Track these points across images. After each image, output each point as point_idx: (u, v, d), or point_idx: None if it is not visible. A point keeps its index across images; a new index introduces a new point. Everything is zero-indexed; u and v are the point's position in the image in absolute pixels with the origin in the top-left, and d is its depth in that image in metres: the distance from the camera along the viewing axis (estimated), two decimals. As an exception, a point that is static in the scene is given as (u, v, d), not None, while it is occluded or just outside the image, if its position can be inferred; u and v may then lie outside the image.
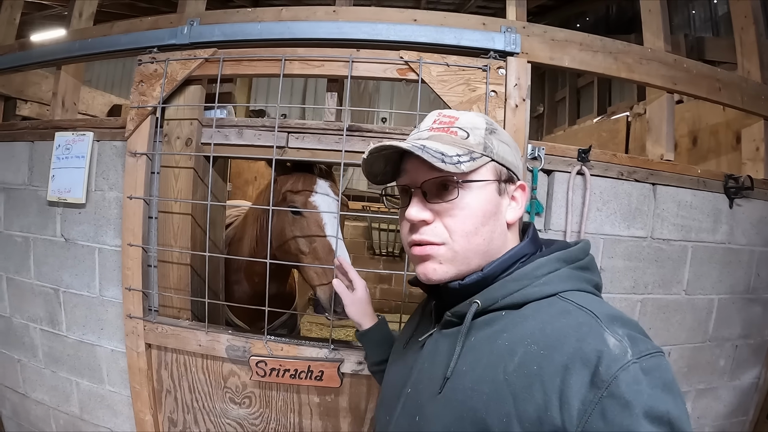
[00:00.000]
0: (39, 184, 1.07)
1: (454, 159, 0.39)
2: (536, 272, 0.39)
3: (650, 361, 0.31)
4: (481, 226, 0.41)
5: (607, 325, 0.33)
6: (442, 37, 0.82)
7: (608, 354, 0.31)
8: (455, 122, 0.43)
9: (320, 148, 0.87)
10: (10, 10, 1.15)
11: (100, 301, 1.02)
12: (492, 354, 0.37)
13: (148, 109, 0.91)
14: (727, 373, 1.10)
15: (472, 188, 0.41)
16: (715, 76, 1.01)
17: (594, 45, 0.91)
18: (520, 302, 0.39)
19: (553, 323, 0.35)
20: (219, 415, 0.93)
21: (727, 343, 1.08)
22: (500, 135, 0.44)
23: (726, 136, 1.20)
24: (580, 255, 0.41)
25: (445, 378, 0.39)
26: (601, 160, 0.91)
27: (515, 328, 0.37)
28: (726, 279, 1.05)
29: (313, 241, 0.89)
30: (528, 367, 0.34)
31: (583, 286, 0.39)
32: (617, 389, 0.29)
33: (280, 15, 0.89)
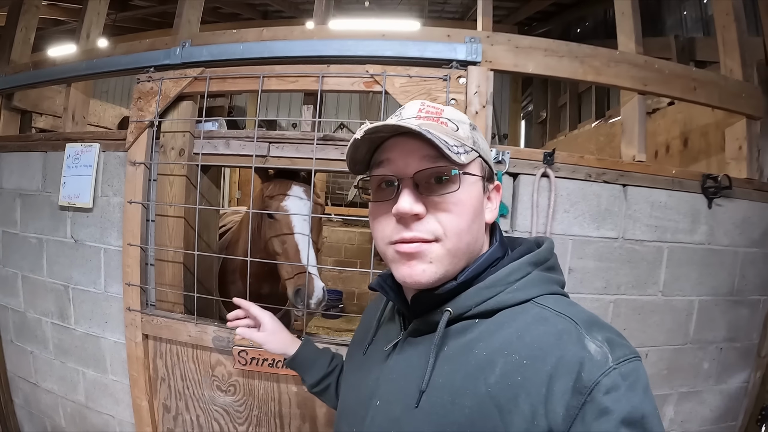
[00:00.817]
0: (51, 191, 1.29)
1: (455, 149, 0.39)
2: (509, 278, 0.40)
3: (628, 366, 0.34)
4: (472, 223, 0.41)
5: (586, 331, 0.36)
6: (407, 50, 0.96)
7: (590, 360, 0.33)
8: (442, 113, 0.43)
9: (298, 156, 1.03)
10: (25, 30, 1.39)
11: (105, 297, 1.22)
12: (469, 365, 0.38)
13: (145, 123, 1.10)
14: (712, 376, 1.17)
15: (468, 182, 0.41)
16: (690, 76, 1.10)
17: (560, 50, 1.02)
18: (493, 309, 0.40)
19: (531, 331, 0.37)
20: (208, 402, 1.10)
21: (710, 345, 1.15)
22: (479, 133, 0.46)
23: (715, 136, 1.27)
24: (547, 256, 0.43)
25: (421, 391, 0.39)
26: (568, 162, 1.02)
27: (491, 337, 0.38)
28: (707, 280, 1.13)
29: (284, 241, 1.05)
30: (511, 378, 0.35)
31: (554, 289, 0.42)
32: (598, 395, 0.32)
33: (261, 35, 1.06)
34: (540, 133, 3.87)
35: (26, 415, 1.43)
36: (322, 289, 1.02)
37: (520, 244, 0.46)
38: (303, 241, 1.04)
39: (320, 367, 0.68)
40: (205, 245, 1.18)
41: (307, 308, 0.99)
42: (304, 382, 0.69)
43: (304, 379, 0.69)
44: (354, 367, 0.54)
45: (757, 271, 1.17)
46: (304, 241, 1.04)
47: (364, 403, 0.46)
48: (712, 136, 1.30)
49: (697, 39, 1.70)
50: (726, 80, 1.16)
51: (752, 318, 1.18)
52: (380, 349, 0.48)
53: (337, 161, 1.00)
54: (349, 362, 0.58)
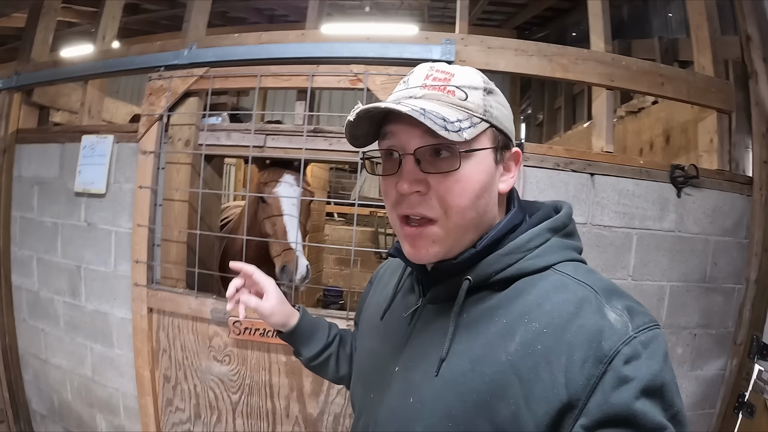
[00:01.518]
0: (67, 178, 1.54)
1: (456, 125, 0.40)
2: (528, 245, 0.42)
3: (648, 335, 0.36)
4: (477, 199, 0.42)
5: (606, 299, 0.38)
6: (387, 51, 1.17)
7: (610, 329, 0.35)
8: (451, 79, 0.43)
9: (291, 147, 1.25)
10: (45, 32, 1.66)
11: (114, 275, 1.44)
12: (489, 332, 0.40)
13: (156, 117, 1.33)
14: (687, 362, 1.31)
15: (472, 158, 0.42)
16: (657, 72, 1.27)
17: (529, 50, 1.22)
18: (513, 276, 0.42)
19: (551, 299, 0.39)
20: (204, 371, 1.30)
21: (684, 331, 1.30)
22: (497, 95, 0.45)
23: (693, 132, 1.43)
24: (566, 221, 0.45)
25: (441, 359, 0.42)
26: (537, 152, 1.21)
27: (511, 305, 0.41)
28: (677, 267, 1.28)
29: (274, 222, 1.27)
30: (531, 347, 0.37)
31: (572, 255, 0.44)
32: (618, 364, 0.34)
33: (260, 39, 1.29)
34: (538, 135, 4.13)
35: (34, 391, 1.66)
36: (306, 266, 1.23)
37: (538, 209, 0.48)
38: (291, 222, 1.26)
39: (319, 339, 0.67)
40: (207, 228, 1.40)
41: (292, 283, 1.20)
42: (301, 355, 0.67)
43: (301, 353, 0.67)
44: (370, 330, 0.56)
45: (730, 259, 1.32)
46: (292, 222, 1.25)
47: (382, 368, 0.48)
48: (690, 132, 1.46)
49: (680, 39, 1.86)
50: (695, 76, 1.33)
51: (726, 305, 1.33)
52: (398, 316, 0.50)
53: (326, 151, 1.21)
54: (365, 326, 0.59)
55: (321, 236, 3.89)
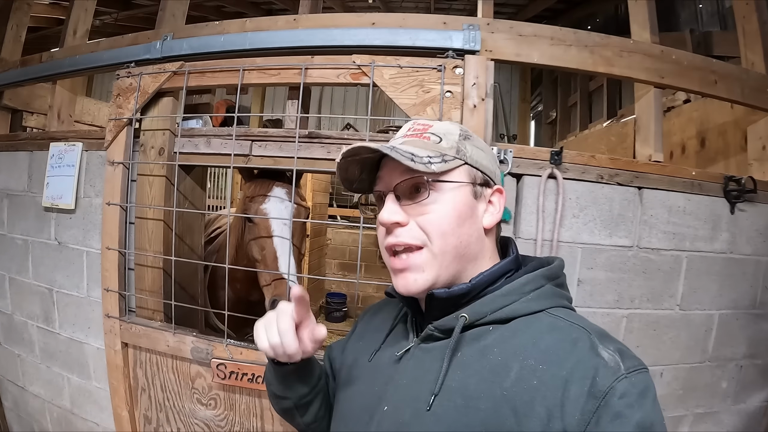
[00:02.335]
0: (36, 191, 1.16)
1: (424, 159, 0.40)
2: (524, 288, 0.40)
3: (638, 377, 0.34)
4: (457, 227, 0.40)
5: (600, 340, 0.36)
6: (397, 38, 0.80)
7: (604, 366, 0.33)
8: (429, 129, 0.44)
9: (281, 155, 0.88)
10: (16, 28, 1.27)
11: (88, 301, 1.08)
12: (484, 369, 0.37)
13: (124, 121, 0.96)
14: (730, 396, 0.99)
15: (444, 188, 0.41)
16: (709, 68, 0.92)
17: (567, 39, 0.86)
18: (508, 317, 0.39)
19: (546, 338, 0.36)
20: (188, 415, 0.96)
21: (730, 363, 0.97)
22: (475, 141, 0.45)
23: (734, 135, 1.09)
24: (559, 272, 0.43)
25: (433, 394, 0.38)
26: (578, 162, 0.86)
27: (506, 344, 0.37)
28: (728, 292, 0.95)
29: (263, 246, 0.91)
30: (527, 382, 0.34)
31: (563, 303, 0.41)
32: (612, 399, 0.32)
33: (244, 26, 0.91)
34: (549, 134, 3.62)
35: (15, 418, 1.32)
36: None
37: (532, 261, 0.45)
38: (282, 247, 0.89)
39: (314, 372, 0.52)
40: (188, 249, 1.04)
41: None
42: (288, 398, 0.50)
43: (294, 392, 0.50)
44: (359, 373, 0.49)
45: (782, 282, 0.99)
46: (283, 247, 0.88)
47: (370, 408, 0.43)
48: (730, 136, 1.12)
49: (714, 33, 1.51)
50: (748, 74, 0.98)
51: (776, 333, 1.00)
52: (389, 355, 0.45)
53: (323, 161, 0.85)
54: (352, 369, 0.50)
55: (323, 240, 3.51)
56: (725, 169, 1.15)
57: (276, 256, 0.88)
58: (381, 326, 0.50)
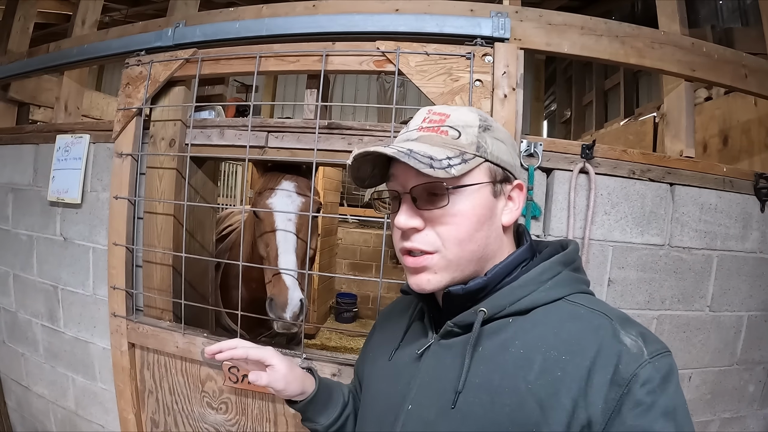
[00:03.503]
0: (42, 185, 1.08)
1: (444, 163, 0.36)
2: (541, 277, 0.38)
3: (662, 361, 0.32)
4: (475, 232, 0.38)
5: (621, 325, 0.34)
6: (423, 25, 0.72)
7: (627, 353, 0.32)
8: (446, 120, 0.39)
9: (299, 147, 0.80)
10: (23, 20, 1.18)
11: (94, 300, 1.00)
12: (507, 363, 0.35)
13: (133, 111, 0.88)
14: (757, 400, 0.91)
15: (464, 193, 0.37)
16: (740, 62, 0.85)
17: (597, 28, 0.78)
18: (527, 308, 0.37)
19: (568, 327, 0.35)
20: (197, 419, 0.88)
21: (758, 366, 0.90)
22: (495, 132, 0.40)
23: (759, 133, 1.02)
24: (574, 256, 0.40)
25: (457, 392, 0.36)
26: (609, 156, 0.78)
27: (527, 335, 0.36)
28: (758, 293, 0.88)
29: (267, 242, 0.82)
30: (551, 374, 0.33)
31: (582, 288, 0.39)
32: (635, 387, 0.30)
33: (261, 12, 0.83)
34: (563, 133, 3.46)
35: (18, 418, 1.22)
36: (300, 300, 0.76)
37: (546, 247, 0.42)
38: (284, 241, 0.80)
39: (336, 401, 0.52)
40: (198, 246, 0.95)
41: (282, 322, 0.76)
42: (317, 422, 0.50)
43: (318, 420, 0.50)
44: (379, 373, 0.46)
45: (812, 282, 0.92)
46: (286, 241, 0.80)
47: (394, 409, 0.41)
48: (755, 133, 1.05)
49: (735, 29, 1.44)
50: (779, 69, 0.91)
51: (805, 335, 0.93)
52: (409, 353, 0.43)
53: (344, 152, 0.77)
54: (371, 368, 0.48)
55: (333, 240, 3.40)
56: (750, 167, 1.07)
57: (278, 252, 0.79)
58: (398, 324, 0.48)
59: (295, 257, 0.80)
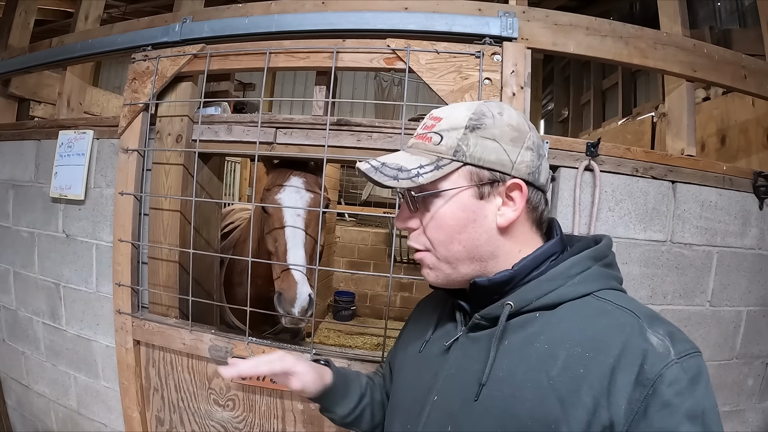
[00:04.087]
0: (44, 181, 1.06)
1: (412, 173, 0.38)
2: (569, 272, 0.37)
3: (690, 361, 0.31)
4: (457, 234, 0.38)
5: (648, 324, 0.33)
6: (433, 23, 0.73)
7: (653, 352, 0.31)
8: (436, 125, 0.40)
9: (308, 143, 0.81)
10: (24, 15, 1.17)
11: (97, 297, 0.99)
12: (531, 358, 0.35)
13: (140, 106, 0.87)
14: (756, 394, 0.94)
15: (443, 197, 0.38)
16: (740, 63, 0.87)
17: (602, 29, 0.80)
18: (554, 303, 0.36)
19: (593, 324, 0.34)
20: (204, 416, 0.87)
21: (756, 360, 0.92)
22: (486, 129, 0.38)
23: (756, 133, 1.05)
24: (606, 252, 0.39)
25: (481, 384, 0.36)
26: (613, 154, 0.80)
27: (552, 330, 0.35)
28: (756, 289, 0.90)
29: (276, 238, 0.82)
30: (574, 371, 0.32)
31: (612, 284, 0.38)
32: (661, 387, 0.29)
33: (270, 9, 0.83)
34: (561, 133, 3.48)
35: (19, 417, 1.21)
36: (308, 295, 0.77)
37: (578, 241, 0.41)
38: (293, 238, 0.80)
39: (354, 391, 0.52)
40: (204, 242, 0.95)
41: (290, 317, 0.76)
42: (334, 413, 0.51)
43: (335, 410, 0.51)
44: (409, 364, 0.47)
45: (807, 278, 0.95)
46: (294, 238, 0.80)
47: (421, 399, 0.41)
48: (752, 133, 1.08)
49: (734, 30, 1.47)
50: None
51: (801, 330, 0.96)
52: (438, 346, 0.43)
53: (353, 149, 0.78)
54: (402, 361, 0.49)
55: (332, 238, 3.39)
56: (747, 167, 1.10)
57: (286, 248, 0.80)
58: (430, 317, 0.48)
59: (303, 252, 0.80)
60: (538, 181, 0.39)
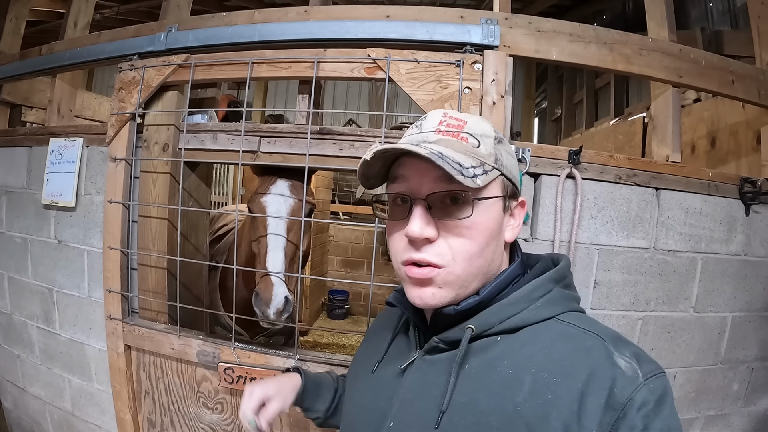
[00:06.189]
0: (36, 188, 1.09)
1: (470, 171, 0.34)
2: (532, 295, 0.37)
3: (657, 383, 0.31)
4: (486, 246, 0.36)
5: (614, 347, 0.33)
6: (413, 32, 0.74)
7: (622, 376, 0.31)
8: (464, 126, 0.37)
9: (291, 152, 0.82)
10: (15, 21, 1.18)
11: (89, 302, 1.02)
12: (494, 383, 0.34)
13: (127, 116, 0.89)
14: (741, 398, 0.95)
15: (482, 206, 0.36)
16: (727, 68, 0.87)
17: (586, 35, 0.80)
18: (517, 327, 0.36)
19: (559, 348, 0.34)
20: (193, 419, 0.90)
21: (742, 365, 0.93)
22: (506, 145, 0.39)
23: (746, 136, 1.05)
24: (566, 273, 0.39)
25: (441, 411, 0.34)
26: (596, 162, 0.80)
27: (516, 354, 0.35)
28: (741, 295, 0.91)
29: (259, 243, 0.84)
30: (541, 396, 0.32)
31: (573, 306, 0.38)
32: (631, 412, 0.29)
33: (253, 18, 0.84)
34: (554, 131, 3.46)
35: (15, 419, 1.24)
36: (284, 297, 0.78)
37: (537, 261, 0.41)
38: (273, 244, 0.82)
39: (329, 386, 0.55)
40: (192, 249, 0.97)
41: (266, 318, 0.78)
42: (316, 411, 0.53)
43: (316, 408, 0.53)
44: (361, 386, 0.45)
45: (794, 284, 0.95)
46: (275, 244, 0.82)
47: (375, 424, 0.39)
48: (742, 136, 1.07)
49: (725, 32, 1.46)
50: (765, 74, 0.93)
51: (787, 335, 0.96)
52: (392, 368, 0.41)
53: (335, 158, 0.79)
54: (354, 380, 0.48)
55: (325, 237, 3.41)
56: (737, 170, 1.10)
57: (267, 251, 0.82)
58: (383, 336, 0.47)
59: (283, 257, 0.82)
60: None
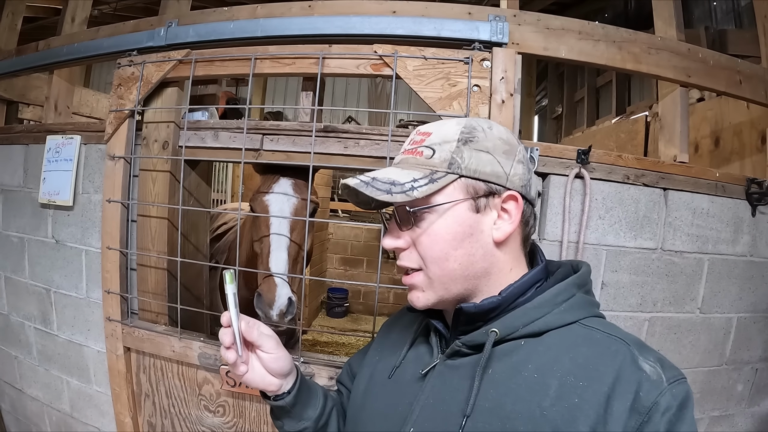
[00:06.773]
0: (33, 187, 1.06)
1: (406, 186, 0.36)
2: (556, 299, 0.37)
3: (679, 388, 0.32)
4: (453, 250, 0.37)
5: (639, 351, 0.33)
6: (421, 28, 0.72)
7: (647, 380, 0.31)
8: (426, 139, 0.39)
9: (294, 150, 0.80)
10: (12, 16, 1.15)
11: (87, 303, 0.99)
12: (520, 388, 0.34)
13: (126, 113, 0.87)
14: (745, 399, 0.94)
15: (437, 212, 0.37)
16: (735, 68, 0.86)
17: (595, 33, 0.79)
18: (541, 330, 0.36)
19: (584, 352, 0.34)
20: (195, 422, 0.88)
21: (746, 366, 0.93)
22: (479, 142, 0.38)
23: (750, 136, 1.04)
24: (587, 279, 0.40)
25: (465, 416, 0.34)
26: (604, 162, 0.79)
27: (540, 359, 0.35)
28: (747, 296, 0.90)
29: (262, 243, 0.82)
30: (568, 400, 0.32)
31: (595, 311, 0.38)
32: (656, 416, 0.30)
33: (255, 13, 0.82)
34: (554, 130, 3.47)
35: (13, 420, 1.22)
36: (288, 298, 0.76)
37: (558, 266, 0.41)
38: (276, 244, 0.80)
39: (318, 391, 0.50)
40: (192, 248, 0.95)
41: (268, 320, 0.76)
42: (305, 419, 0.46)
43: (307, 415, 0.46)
44: (377, 391, 0.44)
45: (799, 285, 0.95)
46: (277, 244, 0.80)
47: (394, 429, 0.39)
48: (746, 136, 1.07)
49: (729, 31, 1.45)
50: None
51: (792, 336, 0.96)
52: (411, 373, 0.41)
53: (340, 156, 0.77)
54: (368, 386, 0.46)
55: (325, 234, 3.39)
56: (741, 170, 1.09)
57: (269, 251, 0.80)
58: (400, 339, 0.46)
59: (286, 257, 0.80)
60: (529, 194, 0.40)
